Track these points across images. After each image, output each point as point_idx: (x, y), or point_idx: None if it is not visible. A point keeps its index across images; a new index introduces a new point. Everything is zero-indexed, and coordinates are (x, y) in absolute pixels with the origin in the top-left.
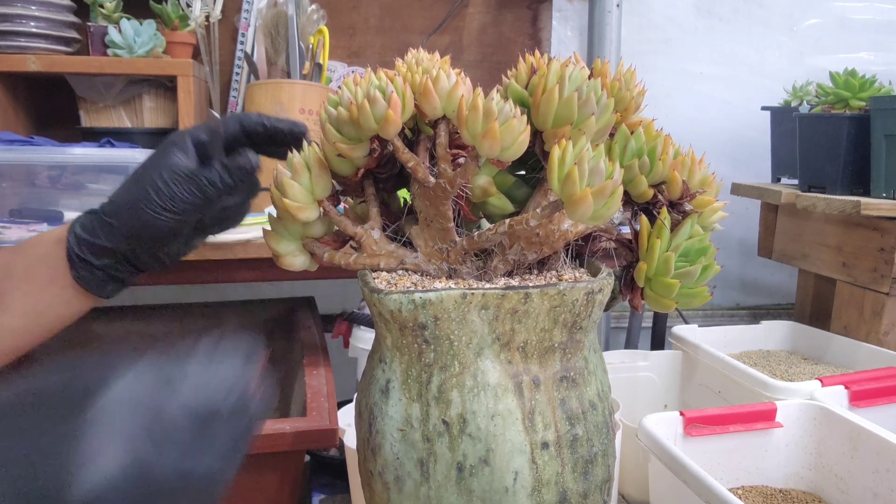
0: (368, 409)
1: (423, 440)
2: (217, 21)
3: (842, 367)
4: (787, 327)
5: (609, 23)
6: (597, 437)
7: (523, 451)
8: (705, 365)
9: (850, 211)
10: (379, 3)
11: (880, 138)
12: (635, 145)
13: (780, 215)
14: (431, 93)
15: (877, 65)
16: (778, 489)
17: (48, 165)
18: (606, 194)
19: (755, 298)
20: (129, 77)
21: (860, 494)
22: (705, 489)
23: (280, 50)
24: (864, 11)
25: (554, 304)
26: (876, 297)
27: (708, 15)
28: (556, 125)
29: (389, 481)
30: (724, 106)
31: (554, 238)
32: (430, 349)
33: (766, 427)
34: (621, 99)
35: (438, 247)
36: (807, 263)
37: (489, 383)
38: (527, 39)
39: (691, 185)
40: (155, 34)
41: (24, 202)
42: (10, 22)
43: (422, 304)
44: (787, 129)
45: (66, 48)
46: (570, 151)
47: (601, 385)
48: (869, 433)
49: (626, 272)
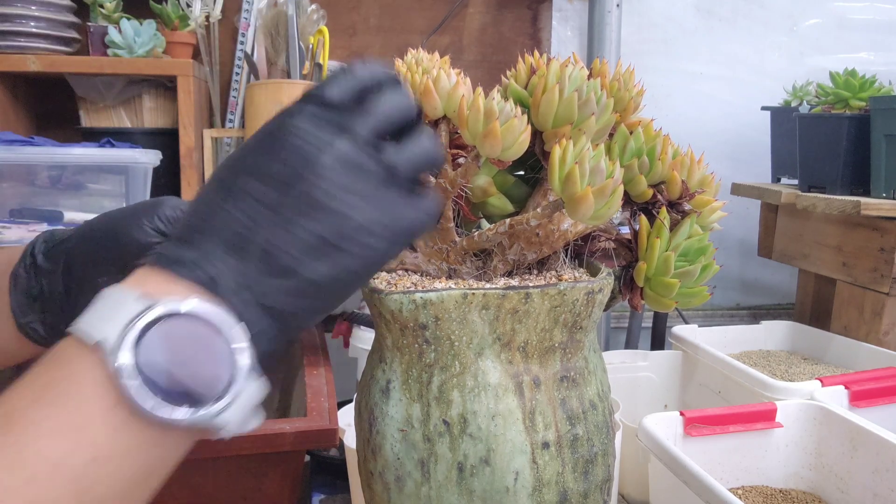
0: (369, 409)
1: (423, 440)
2: (217, 21)
3: (842, 367)
4: (787, 327)
5: (609, 23)
6: (597, 436)
7: (524, 451)
8: (705, 365)
9: (850, 211)
10: (379, 3)
11: (880, 138)
12: (634, 145)
13: (780, 215)
14: (432, 93)
15: (877, 65)
16: (778, 489)
17: (48, 165)
18: (607, 194)
19: (755, 298)
20: (129, 77)
21: (860, 494)
22: (705, 489)
23: (280, 50)
24: (864, 11)
25: (554, 304)
26: (876, 297)
27: (708, 15)
28: (556, 125)
29: (390, 481)
30: (724, 106)
31: (554, 238)
32: (431, 349)
33: (766, 427)
34: (620, 99)
35: (438, 247)
36: (807, 263)
37: (490, 383)
38: (527, 39)
39: (690, 185)
40: (155, 34)
41: (24, 202)
42: (10, 22)
43: (422, 305)
44: (787, 129)
45: (66, 48)
46: (570, 151)
47: (601, 385)
48: (869, 433)
49: (626, 272)
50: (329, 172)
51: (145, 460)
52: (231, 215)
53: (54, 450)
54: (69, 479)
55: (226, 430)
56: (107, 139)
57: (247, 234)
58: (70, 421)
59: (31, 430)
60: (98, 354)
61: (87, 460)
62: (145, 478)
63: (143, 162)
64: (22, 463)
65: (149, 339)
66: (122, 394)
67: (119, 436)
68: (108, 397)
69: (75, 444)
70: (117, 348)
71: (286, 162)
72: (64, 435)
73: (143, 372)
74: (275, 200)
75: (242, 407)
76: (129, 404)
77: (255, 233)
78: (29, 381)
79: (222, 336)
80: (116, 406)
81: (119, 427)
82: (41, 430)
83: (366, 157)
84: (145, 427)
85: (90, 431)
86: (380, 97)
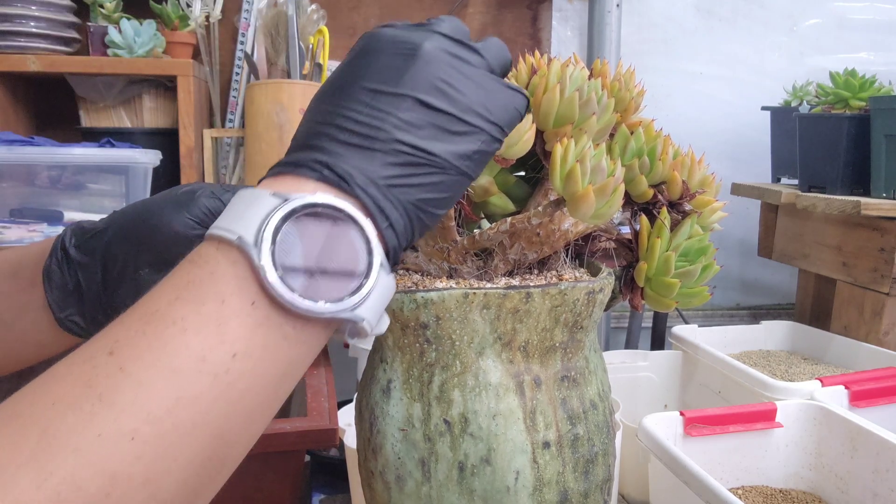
0: (369, 408)
1: (424, 440)
2: (217, 21)
3: (842, 367)
4: (787, 327)
5: (609, 23)
6: (597, 436)
7: (524, 451)
8: (705, 365)
9: (850, 211)
10: (379, 3)
11: (880, 138)
12: (635, 145)
13: (780, 215)
14: None
15: (877, 65)
16: (778, 489)
17: (48, 165)
18: (608, 192)
19: (755, 298)
20: (129, 77)
21: (860, 494)
22: (705, 489)
23: (280, 50)
24: (864, 11)
25: (555, 303)
26: (876, 297)
27: (708, 15)
28: (557, 125)
29: (390, 481)
30: (724, 106)
31: (555, 238)
32: (432, 349)
33: (766, 427)
34: (621, 99)
35: (439, 246)
36: (807, 263)
37: (490, 383)
38: (527, 39)
39: (691, 186)
40: (155, 34)
41: (24, 202)
42: (10, 22)
43: (423, 304)
44: (787, 129)
45: (66, 48)
46: (571, 150)
47: (602, 385)
48: (869, 433)
49: (626, 272)
50: (435, 57)
51: (283, 357)
52: (348, 115)
53: (199, 345)
54: (212, 374)
55: (362, 327)
56: (107, 139)
57: (369, 130)
58: (212, 318)
59: (174, 327)
60: (237, 252)
61: (229, 356)
62: (282, 378)
63: (143, 162)
64: (167, 357)
65: (286, 234)
66: (263, 289)
67: (259, 332)
68: (249, 293)
69: (219, 340)
70: (256, 243)
71: (395, 53)
72: (207, 331)
73: (282, 266)
74: (389, 92)
75: (377, 302)
76: (269, 300)
77: (378, 127)
78: (168, 283)
79: (357, 228)
80: (256, 302)
81: (260, 322)
82: (186, 325)
83: (462, 47)
84: (284, 323)
85: (232, 328)
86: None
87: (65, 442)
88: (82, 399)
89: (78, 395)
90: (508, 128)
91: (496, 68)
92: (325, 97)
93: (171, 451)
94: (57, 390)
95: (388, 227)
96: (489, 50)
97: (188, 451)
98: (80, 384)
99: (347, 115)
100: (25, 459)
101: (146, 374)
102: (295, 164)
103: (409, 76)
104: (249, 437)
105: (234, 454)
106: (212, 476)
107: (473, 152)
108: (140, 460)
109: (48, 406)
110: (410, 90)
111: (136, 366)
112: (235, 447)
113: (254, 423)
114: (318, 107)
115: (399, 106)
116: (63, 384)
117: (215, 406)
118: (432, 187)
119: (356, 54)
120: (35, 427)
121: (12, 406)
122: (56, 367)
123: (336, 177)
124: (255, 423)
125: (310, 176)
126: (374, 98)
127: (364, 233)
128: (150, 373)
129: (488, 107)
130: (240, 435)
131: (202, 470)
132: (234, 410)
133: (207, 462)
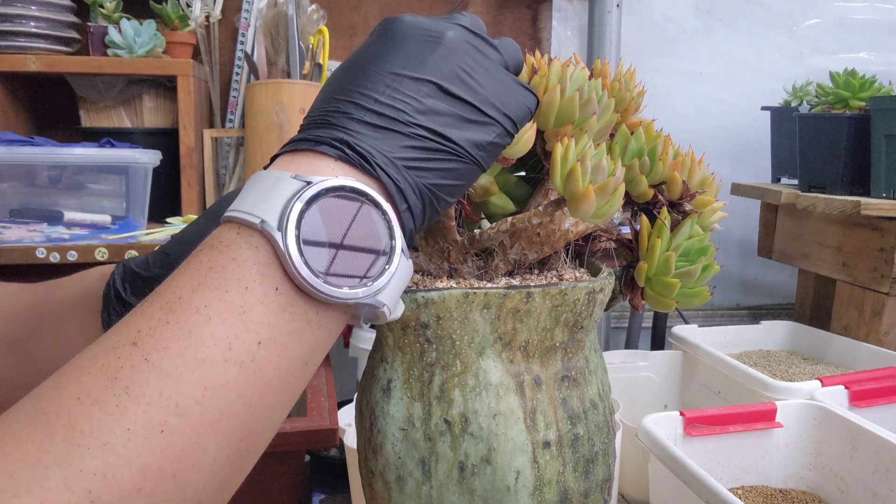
0: (370, 408)
1: (424, 439)
2: (217, 21)
3: (842, 367)
4: (787, 327)
5: (609, 23)
6: (598, 436)
7: (525, 451)
8: (705, 365)
9: (850, 211)
10: (379, 3)
11: (880, 138)
12: (635, 145)
13: (780, 215)
14: None
15: (877, 65)
16: (778, 489)
17: (48, 165)
18: (609, 191)
19: (755, 298)
20: (129, 77)
21: (860, 494)
22: (705, 489)
23: (280, 50)
24: (864, 11)
25: (555, 303)
26: (876, 297)
27: (708, 15)
28: (557, 124)
29: (391, 480)
30: (724, 106)
31: (555, 238)
32: (432, 348)
33: (766, 427)
34: (621, 99)
35: (440, 246)
36: (807, 263)
37: (491, 382)
38: (527, 39)
39: (691, 186)
40: (155, 34)
41: (24, 202)
42: (10, 22)
43: (424, 304)
44: (787, 129)
45: (66, 48)
46: (572, 149)
47: (602, 385)
48: (869, 433)
49: (627, 272)
50: (457, 47)
51: (306, 343)
52: (370, 95)
53: (225, 333)
54: (238, 362)
55: (382, 311)
56: (107, 139)
57: (390, 111)
58: (236, 305)
59: (198, 315)
60: (259, 236)
61: (255, 343)
62: (304, 363)
63: (143, 162)
64: (193, 347)
65: (309, 217)
66: (287, 274)
67: (283, 318)
68: (273, 279)
69: (244, 328)
70: (280, 227)
71: (419, 39)
72: (232, 318)
73: (306, 250)
74: (412, 76)
75: (396, 286)
76: (292, 286)
77: (400, 109)
78: (188, 269)
79: (379, 212)
80: (280, 288)
81: (284, 308)
82: (210, 313)
83: (482, 41)
84: (308, 309)
85: (256, 315)
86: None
87: (93, 438)
88: (108, 392)
89: (103, 389)
90: (520, 124)
91: (511, 66)
92: (345, 76)
93: (201, 442)
94: (81, 384)
95: (407, 210)
96: (505, 48)
97: (217, 441)
98: (104, 377)
99: (369, 94)
100: (53, 458)
101: (172, 364)
102: (315, 140)
103: (433, 62)
104: (272, 425)
105: (258, 443)
106: (238, 467)
107: (488, 143)
108: (170, 452)
109: (73, 401)
110: (433, 76)
111: (161, 356)
112: (260, 436)
113: (278, 411)
114: (337, 84)
115: (420, 90)
116: (87, 377)
117: (242, 395)
118: (447, 173)
119: (378, 37)
120: (60, 423)
121: (34, 402)
122: (77, 360)
123: (357, 156)
124: (279, 412)
125: (330, 154)
126: (396, 81)
127: (386, 216)
128: (177, 363)
129: (504, 101)
130: (265, 424)
131: (229, 460)
132: (261, 398)
133: (234, 453)
